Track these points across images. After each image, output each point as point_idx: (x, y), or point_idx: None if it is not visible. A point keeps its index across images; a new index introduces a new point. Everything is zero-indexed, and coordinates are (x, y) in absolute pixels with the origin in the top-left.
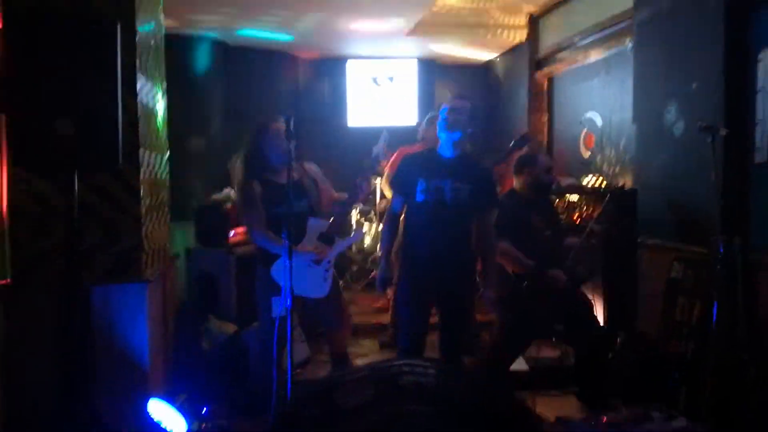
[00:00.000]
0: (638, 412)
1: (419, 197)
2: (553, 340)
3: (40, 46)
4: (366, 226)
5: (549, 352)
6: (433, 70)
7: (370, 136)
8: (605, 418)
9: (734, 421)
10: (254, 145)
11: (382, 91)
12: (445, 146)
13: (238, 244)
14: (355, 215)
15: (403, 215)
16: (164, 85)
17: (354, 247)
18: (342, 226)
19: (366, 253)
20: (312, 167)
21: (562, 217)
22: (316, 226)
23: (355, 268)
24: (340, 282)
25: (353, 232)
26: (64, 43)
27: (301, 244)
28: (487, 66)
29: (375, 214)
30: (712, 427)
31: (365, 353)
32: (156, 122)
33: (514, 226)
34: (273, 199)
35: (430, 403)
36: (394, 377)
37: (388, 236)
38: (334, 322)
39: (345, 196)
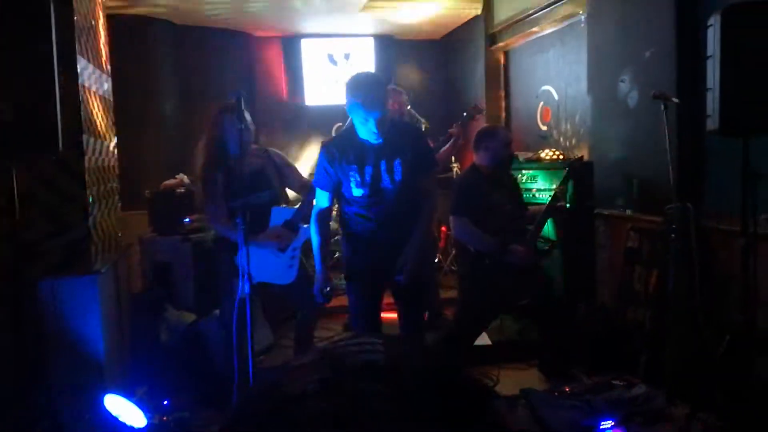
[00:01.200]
0: (599, 381)
1: (357, 191)
2: (516, 314)
3: None
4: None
5: (511, 326)
6: (389, 46)
7: (329, 114)
8: (567, 389)
9: (692, 385)
10: (213, 132)
11: (339, 69)
12: (368, 133)
13: (193, 231)
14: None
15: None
16: (108, 68)
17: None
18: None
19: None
20: (277, 153)
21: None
22: (280, 215)
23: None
24: (308, 266)
25: None
26: None
27: (264, 233)
28: (444, 41)
29: None
30: (671, 392)
31: (330, 336)
32: (101, 107)
33: (475, 203)
34: (234, 190)
35: (380, 383)
36: (342, 358)
37: (319, 240)
38: (303, 305)
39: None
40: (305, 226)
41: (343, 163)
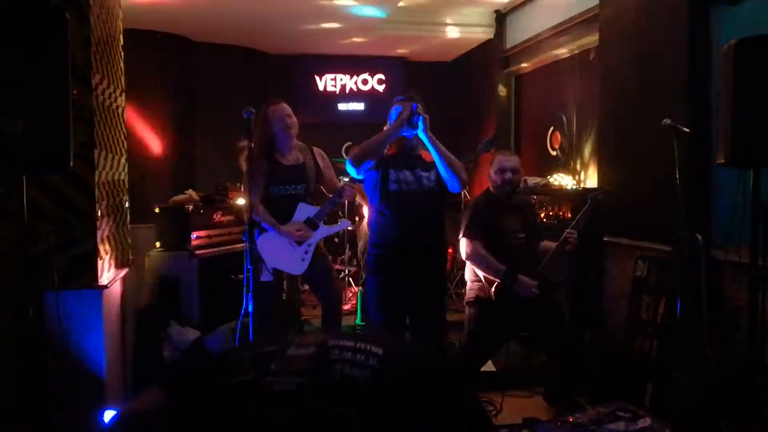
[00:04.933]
0: (604, 412)
1: (391, 186)
2: (522, 341)
3: None
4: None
5: (516, 353)
6: (400, 67)
7: (339, 133)
8: (571, 419)
9: (698, 417)
10: (262, 126)
11: (349, 89)
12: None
13: (200, 247)
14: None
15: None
16: (123, 82)
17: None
18: (330, 216)
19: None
20: (321, 153)
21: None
22: (304, 211)
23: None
24: (329, 257)
25: (340, 221)
26: (6, 32)
27: (287, 225)
28: (455, 63)
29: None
30: (677, 424)
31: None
32: (114, 121)
33: (484, 226)
34: (273, 178)
35: (355, 406)
36: (331, 365)
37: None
38: (325, 295)
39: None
40: (324, 226)
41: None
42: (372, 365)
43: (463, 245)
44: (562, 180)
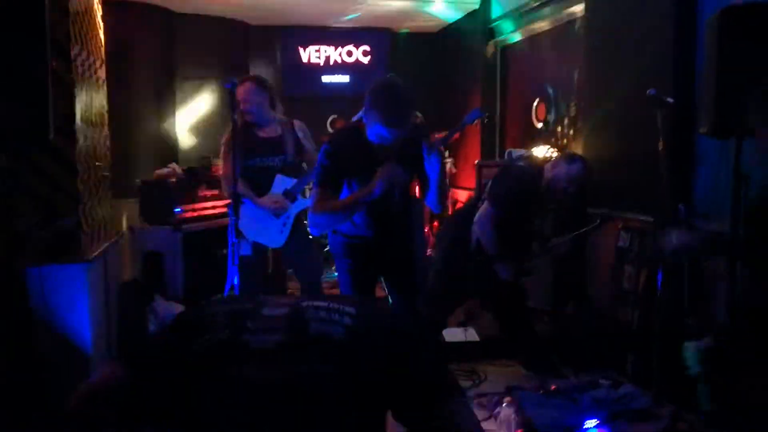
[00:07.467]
0: (586, 380)
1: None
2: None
3: None
4: None
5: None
6: (386, 38)
7: (323, 106)
8: (554, 386)
9: (678, 386)
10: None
11: (333, 61)
12: (378, 139)
13: (184, 221)
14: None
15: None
16: (103, 54)
17: None
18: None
19: None
20: (301, 126)
21: None
22: (281, 183)
23: None
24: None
25: None
26: None
27: (264, 196)
28: (441, 34)
29: None
30: (658, 392)
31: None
32: (94, 94)
33: (515, 206)
34: (250, 150)
35: (333, 362)
36: (307, 324)
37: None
38: (305, 275)
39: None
40: (302, 198)
41: (347, 162)
42: (346, 323)
43: (485, 209)
44: (546, 152)
